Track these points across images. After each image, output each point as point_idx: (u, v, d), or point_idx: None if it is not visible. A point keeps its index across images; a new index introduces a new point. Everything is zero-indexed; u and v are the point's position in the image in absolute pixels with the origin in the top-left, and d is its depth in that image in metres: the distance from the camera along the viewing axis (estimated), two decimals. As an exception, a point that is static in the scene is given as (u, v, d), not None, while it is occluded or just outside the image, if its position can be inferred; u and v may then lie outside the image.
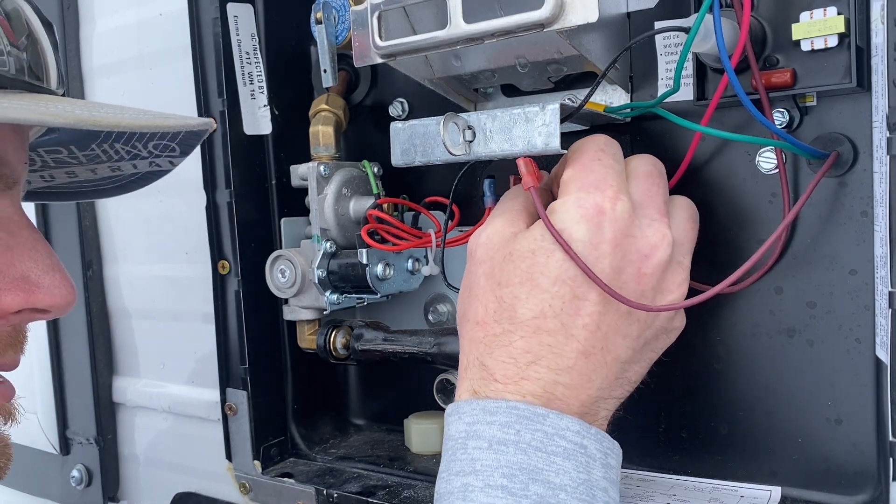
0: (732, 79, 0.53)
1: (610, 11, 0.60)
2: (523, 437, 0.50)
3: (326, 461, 0.81)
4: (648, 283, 0.53)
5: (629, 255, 0.52)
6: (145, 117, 0.51)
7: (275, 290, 0.78)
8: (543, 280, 0.52)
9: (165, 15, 0.90)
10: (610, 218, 0.52)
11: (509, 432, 0.50)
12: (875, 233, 0.55)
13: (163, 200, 0.94)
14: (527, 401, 0.51)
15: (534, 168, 0.56)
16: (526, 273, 0.53)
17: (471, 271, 0.57)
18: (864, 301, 0.57)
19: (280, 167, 0.80)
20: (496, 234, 0.56)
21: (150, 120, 0.51)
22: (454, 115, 0.56)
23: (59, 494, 1.06)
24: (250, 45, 0.79)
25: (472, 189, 0.73)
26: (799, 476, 0.61)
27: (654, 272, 0.53)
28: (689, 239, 0.57)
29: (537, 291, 0.52)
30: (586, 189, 0.53)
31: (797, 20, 0.54)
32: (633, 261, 0.53)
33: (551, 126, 0.53)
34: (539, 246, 0.53)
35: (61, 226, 1.01)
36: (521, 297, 0.53)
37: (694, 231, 0.58)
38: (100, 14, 0.98)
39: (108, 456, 1.02)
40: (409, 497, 0.71)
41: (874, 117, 0.54)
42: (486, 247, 0.56)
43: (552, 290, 0.52)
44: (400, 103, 0.78)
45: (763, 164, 0.59)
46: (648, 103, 0.60)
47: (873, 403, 0.57)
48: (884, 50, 0.50)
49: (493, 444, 0.50)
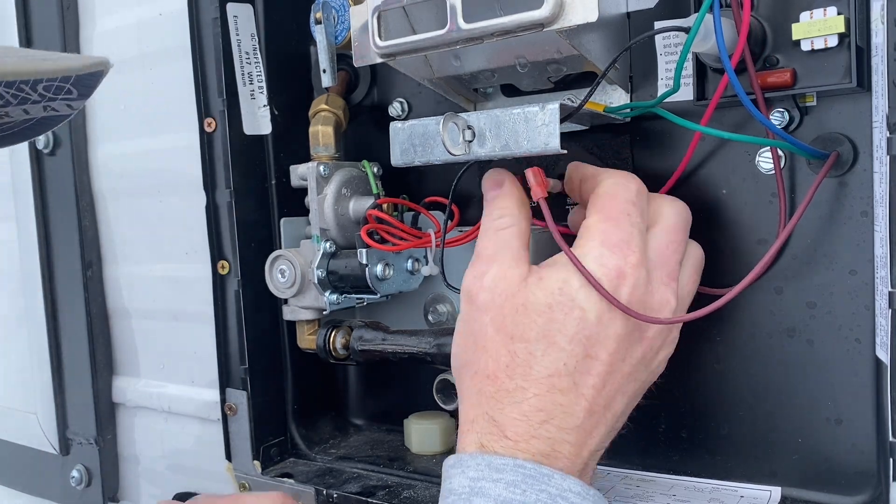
0: (732, 79, 0.52)
1: (610, 11, 0.60)
2: (528, 497, 0.49)
3: (326, 461, 0.81)
4: (650, 344, 0.54)
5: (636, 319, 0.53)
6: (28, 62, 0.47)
7: (274, 290, 0.78)
8: (560, 338, 0.52)
9: (165, 15, 0.90)
10: (628, 284, 0.52)
11: (515, 492, 0.49)
12: (875, 233, 0.55)
13: (163, 200, 0.94)
14: (534, 459, 0.51)
15: (542, 178, 0.55)
16: (543, 330, 0.52)
17: (473, 318, 0.55)
18: (864, 301, 0.57)
19: (280, 167, 0.80)
20: (502, 279, 0.54)
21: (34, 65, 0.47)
22: (454, 115, 0.56)
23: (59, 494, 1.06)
24: (250, 45, 0.79)
25: (472, 189, 0.73)
26: (799, 476, 0.61)
27: (656, 335, 0.54)
28: (690, 293, 0.58)
29: (553, 350, 0.52)
30: (610, 248, 0.52)
31: (797, 20, 0.54)
32: (640, 325, 0.53)
33: (551, 126, 0.53)
34: (556, 301, 0.52)
35: (61, 226, 1.01)
36: (538, 354, 0.52)
37: (696, 283, 0.58)
38: (100, 14, 0.98)
39: (107, 456, 1.02)
40: (409, 497, 0.71)
41: (874, 117, 0.54)
42: (492, 293, 0.54)
43: (568, 348, 0.51)
44: (400, 103, 0.78)
45: (763, 164, 0.59)
46: (648, 103, 0.60)
47: (873, 403, 0.57)
48: (884, 50, 0.50)
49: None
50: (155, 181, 0.94)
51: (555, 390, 0.52)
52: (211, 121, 0.79)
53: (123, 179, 0.98)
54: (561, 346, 0.51)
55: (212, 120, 0.79)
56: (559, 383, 0.52)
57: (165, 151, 0.92)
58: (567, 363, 0.51)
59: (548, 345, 0.52)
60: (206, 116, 0.79)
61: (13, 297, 1.08)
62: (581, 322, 0.51)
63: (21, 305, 1.06)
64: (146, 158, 0.95)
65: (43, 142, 0.99)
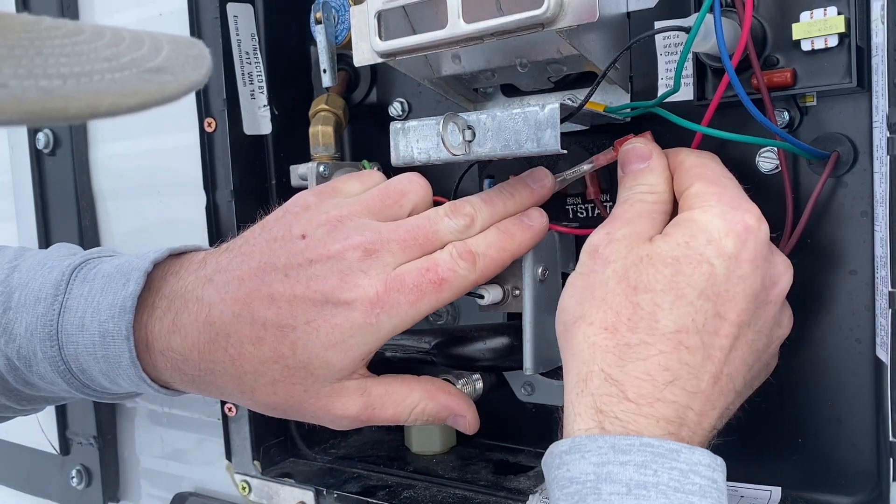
0: (733, 78, 0.52)
1: (610, 11, 0.60)
2: (661, 478, 0.45)
3: (326, 461, 0.81)
4: (771, 311, 0.52)
5: (765, 280, 0.51)
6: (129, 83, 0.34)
7: (275, 290, 0.78)
8: (689, 291, 0.48)
9: (165, 15, 0.90)
10: (755, 237, 0.50)
11: (647, 473, 0.45)
12: (875, 233, 0.55)
13: (162, 200, 0.94)
14: (660, 426, 0.47)
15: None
16: (670, 280, 0.49)
17: (594, 270, 0.52)
18: (864, 301, 0.57)
19: (280, 167, 0.80)
20: (631, 233, 0.52)
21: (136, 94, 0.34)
22: (454, 115, 0.56)
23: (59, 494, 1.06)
24: (250, 45, 0.79)
25: (472, 189, 0.73)
26: (799, 476, 0.61)
27: (776, 301, 0.52)
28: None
29: (681, 303, 0.48)
30: (729, 204, 0.51)
31: (797, 20, 0.54)
32: (766, 286, 0.51)
33: (551, 126, 0.53)
34: (684, 254, 0.49)
35: (61, 226, 1.00)
36: (665, 306, 0.49)
37: None
38: (100, 14, 0.98)
39: (108, 456, 1.02)
40: (409, 497, 0.71)
41: (874, 117, 0.54)
42: (619, 244, 0.51)
43: (697, 303, 0.48)
44: (400, 103, 0.78)
45: (763, 164, 0.59)
46: (648, 103, 0.60)
47: (873, 403, 0.57)
48: (884, 50, 0.50)
49: (633, 489, 0.45)
50: (155, 181, 0.94)
51: (682, 348, 0.48)
52: (211, 121, 0.79)
53: (123, 179, 0.98)
54: (690, 300, 0.48)
55: (212, 120, 0.79)
56: (687, 340, 0.48)
57: (165, 151, 0.92)
58: (696, 319, 0.48)
59: (676, 297, 0.48)
60: (206, 116, 0.79)
61: (13, 297, 1.08)
62: (711, 277, 0.48)
63: (21, 305, 1.06)
64: (146, 158, 0.95)
65: (43, 142, 0.99)
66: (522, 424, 0.77)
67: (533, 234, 0.58)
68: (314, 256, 0.53)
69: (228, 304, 0.54)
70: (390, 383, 0.58)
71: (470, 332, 0.67)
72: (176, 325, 0.55)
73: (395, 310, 0.53)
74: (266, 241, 0.56)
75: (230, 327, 0.54)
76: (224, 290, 0.55)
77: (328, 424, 0.58)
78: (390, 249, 0.54)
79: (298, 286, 0.53)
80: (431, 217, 0.56)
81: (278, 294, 0.53)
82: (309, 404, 0.56)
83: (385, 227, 0.55)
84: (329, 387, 0.55)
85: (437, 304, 0.54)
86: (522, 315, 0.60)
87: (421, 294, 0.53)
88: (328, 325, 0.53)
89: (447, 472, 0.75)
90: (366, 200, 0.57)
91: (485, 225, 0.57)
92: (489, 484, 0.72)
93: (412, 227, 0.55)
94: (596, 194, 0.64)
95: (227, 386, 0.56)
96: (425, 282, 0.54)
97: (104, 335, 0.56)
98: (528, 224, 0.58)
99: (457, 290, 0.55)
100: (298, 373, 0.54)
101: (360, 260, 0.53)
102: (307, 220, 0.55)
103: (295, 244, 0.54)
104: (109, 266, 0.59)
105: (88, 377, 0.59)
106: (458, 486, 0.72)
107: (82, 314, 0.57)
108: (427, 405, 0.59)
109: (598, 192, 0.64)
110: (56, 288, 0.58)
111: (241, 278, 0.54)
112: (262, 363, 0.54)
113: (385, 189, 0.58)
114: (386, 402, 0.57)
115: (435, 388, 0.60)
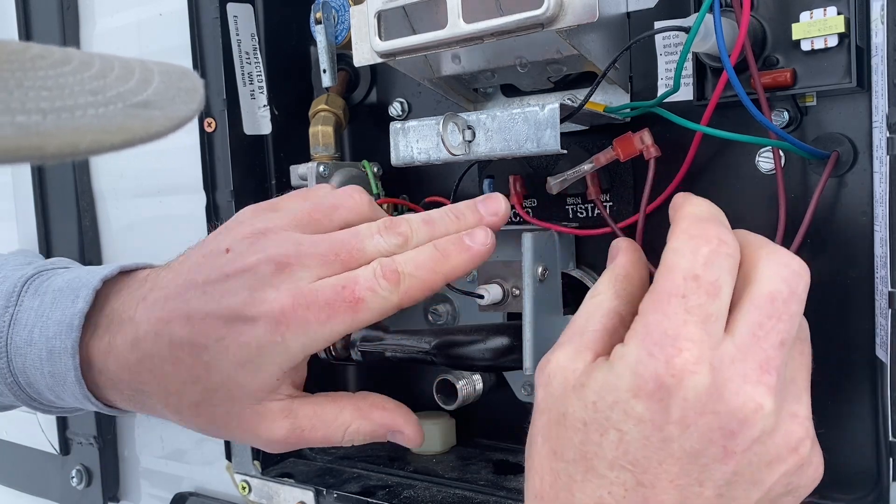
0: (732, 78, 0.52)
1: (610, 11, 0.60)
2: None
3: (326, 461, 0.81)
4: (745, 459, 0.42)
5: (709, 434, 0.41)
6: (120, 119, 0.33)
7: (275, 290, 0.78)
8: (598, 463, 0.43)
9: (165, 15, 0.90)
10: (678, 397, 0.41)
11: None
12: (875, 233, 0.55)
13: (162, 201, 0.94)
14: None
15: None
16: (579, 450, 0.43)
17: (533, 418, 0.48)
18: (864, 301, 0.57)
19: (280, 167, 0.80)
20: (559, 374, 0.45)
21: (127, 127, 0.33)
22: (454, 115, 0.57)
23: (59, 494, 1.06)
24: (250, 45, 0.79)
25: (472, 189, 0.73)
26: (799, 476, 0.61)
27: (750, 447, 0.42)
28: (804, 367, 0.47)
29: (592, 476, 0.43)
30: (650, 349, 0.41)
31: (797, 20, 0.54)
32: (715, 440, 0.41)
33: (551, 126, 0.53)
34: (591, 418, 0.43)
35: (61, 226, 1.01)
36: (577, 478, 0.43)
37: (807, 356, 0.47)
38: (100, 14, 0.98)
39: (108, 456, 1.02)
40: (409, 497, 0.71)
41: (874, 117, 0.54)
42: (546, 390, 0.46)
43: (610, 475, 0.42)
44: (400, 103, 0.78)
45: (763, 164, 0.59)
46: (648, 103, 0.60)
47: (873, 403, 0.57)
48: (884, 50, 0.50)
49: None
50: (155, 181, 0.94)
51: None
52: (211, 121, 0.79)
53: (123, 179, 0.98)
54: (601, 473, 0.43)
55: (212, 120, 0.79)
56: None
57: (165, 151, 0.92)
58: (612, 492, 0.42)
59: (586, 469, 0.43)
60: (206, 116, 0.79)
61: (13, 297, 1.08)
62: (620, 445, 0.42)
63: (21, 305, 1.06)
64: (146, 158, 0.95)
65: (43, 142, 0.99)
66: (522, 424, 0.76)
67: (471, 257, 0.52)
68: (230, 271, 0.50)
69: (153, 323, 0.52)
70: (320, 403, 0.55)
71: (470, 332, 0.67)
72: (111, 345, 0.54)
73: (302, 328, 0.49)
74: (199, 255, 0.54)
75: (153, 348, 0.52)
76: (151, 309, 0.53)
77: (261, 447, 0.55)
78: (306, 264, 0.50)
79: (212, 303, 0.50)
80: (360, 232, 0.52)
81: (194, 311, 0.51)
82: (234, 427, 0.53)
83: (307, 240, 0.51)
84: (251, 409, 0.52)
85: (353, 324, 0.50)
86: (522, 315, 0.60)
87: (332, 312, 0.49)
88: (236, 343, 0.50)
89: (447, 471, 0.75)
90: (295, 213, 0.54)
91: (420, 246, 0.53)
92: (489, 484, 0.72)
93: (335, 241, 0.52)
94: (596, 194, 0.64)
95: (156, 406, 0.55)
96: (339, 300, 0.49)
97: (51, 351, 0.55)
98: (467, 245, 0.52)
99: (377, 312, 0.51)
100: (217, 395, 0.51)
101: (272, 274, 0.49)
102: (234, 234, 0.53)
103: (219, 258, 0.52)
104: (61, 280, 0.58)
105: (35, 391, 0.58)
106: (458, 486, 0.72)
107: (31, 328, 0.56)
108: (360, 425, 0.55)
109: (598, 192, 0.64)
110: (7, 299, 0.58)
111: (167, 297, 0.52)
112: (182, 384, 0.52)
113: (317, 202, 0.55)
114: (315, 423, 0.54)
115: (368, 404, 0.56)
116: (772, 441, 0.42)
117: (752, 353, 0.42)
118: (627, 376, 0.42)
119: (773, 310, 0.42)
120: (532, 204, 0.70)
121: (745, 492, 0.42)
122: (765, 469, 0.43)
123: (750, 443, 0.42)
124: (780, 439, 0.43)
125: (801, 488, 0.45)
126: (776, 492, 0.44)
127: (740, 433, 0.41)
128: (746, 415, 0.41)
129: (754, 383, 0.41)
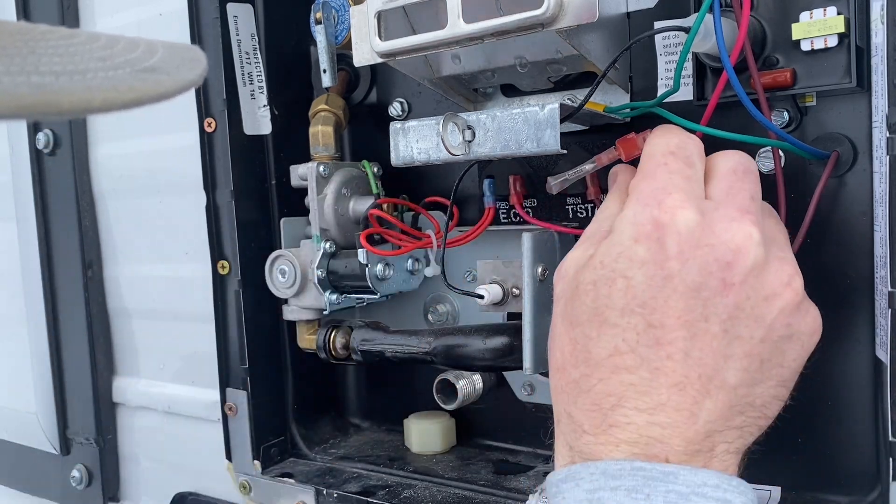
0: (732, 78, 0.52)
1: (610, 11, 0.60)
2: (655, 501, 0.43)
3: (326, 461, 0.81)
4: (742, 292, 0.45)
5: (707, 266, 0.45)
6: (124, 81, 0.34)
7: (274, 290, 0.78)
8: (610, 313, 0.46)
9: (165, 15, 0.90)
10: (672, 231, 0.46)
11: (638, 497, 0.43)
12: (875, 233, 0.55)
13: (163, 200, 0.94)
14: (620, 450, 0.45)
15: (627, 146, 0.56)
16: (592, 309, 0.47)
17: (553, 311, 0.52)
18: (864, 301, 0.57)
19: (280, 167, 0.80)
20: (571, 264, 0.50)
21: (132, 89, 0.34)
22: (454, 115, 0.57)
23: (59, 494, 1.06)
24: (250, 45, 0.79)
25: (472, 189, 0.73)
26: (799, 476, 0.61)
27: (746, 279, 0.45)
28: (781, 231, 0.51)
29: (606, 327, 0.47)
30: (644, 201, 0.47)
31: (797, 20, 0.54)
32: (714, 272, 0.45)
33: (551, 126, 0.53)
34: (599, 276, 0.47)
35: (61, 226, 1.01)
36: (593, 335, 0.47)
37: (782, 226, 0.52)
38: (100, 14, 0.98)
39: (108, 456, 1.02)
40: (409, 497, 0.71)
41: (874, 117, 0.54)
42: (562, 281, 0.51)
43: (622, 322, 0.46)
44: (400, 103, 0.78)
45: (763, 164, 0.59)
46: (648, 103, 0.60)
47: (873, 403, 0.57)
48: (884, 50, 0.50)
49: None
50: (155, 181, 0.94)
51: (620, 370, 0.46)
52: (211, 121, 0.79)
53: (123, 179, 0.98)
54: (613, 322, 0.46)
55: (212, 120, 0.79)
56: (623, 362, 0.46)
57: (165, 151, 0.92)
58: (626, 338, 0.46)
59: (600, 323, 0.47)
60: (206, 116, 0.79)
61: (13, 297, 1.08)
62: (629, 290, 0.46)
63: (21, 305, 1.06)
64: (146, 158, 0.95)
65: (43, 142, 0.99)
66: (522, 424, 0.77)
67: None
68: None
69: None
70: None
71: (470, 332, 0.67)
72: None
73: None
74: None
75: None
76: None
77: None
78: None
79: None
80: None
81: None
82: None
83: None
84: None
85: None
86: (522, 315, 0.60)
87: None
88: None
89: (447, 471, 0.75)
90: None
91: None
92: (489, 484, 0.72)
93: None
94: (596, 194, 0.64)
95: None
96: None
97: None
98: None
99: None
100: None
101: None
102: None
103: None
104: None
105: None
106: (458, 485, 0.72)
107: None
108: None
109: (598, 192, 0.64)
110: None
111: None
112: None
113: None
114: None
115: None
116: (765, 275, 0.46)
117: (730, 202, 0.48)
118: (628, 228, 0.47)
119: (737, 177, 0.49)
120: (532, 204, 0.70)
121: (747, 328, 0.46)
122: (763, 304, 0.46)
123: (745, 274, 0.46)
124: (772, 275, 0.47)
125: (802, 335, 0.48)
126: (778, 332, 0.47)
127: (735, 263, 0.45)
128: (738, 244, 0.46)
129: (739, 220, 0.47)
